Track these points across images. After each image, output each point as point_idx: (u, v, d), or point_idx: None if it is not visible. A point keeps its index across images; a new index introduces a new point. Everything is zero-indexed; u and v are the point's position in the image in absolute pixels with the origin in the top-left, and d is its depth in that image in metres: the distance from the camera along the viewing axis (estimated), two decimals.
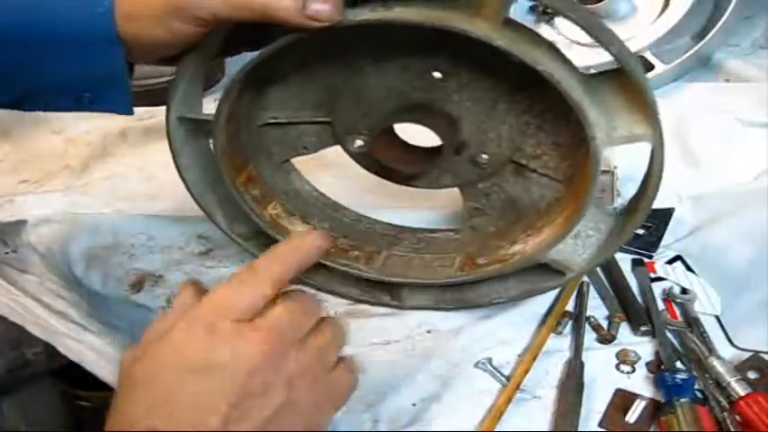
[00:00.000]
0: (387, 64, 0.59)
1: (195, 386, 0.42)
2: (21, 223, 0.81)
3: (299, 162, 0.70)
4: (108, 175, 0.88)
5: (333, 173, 0.75)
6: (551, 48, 0.54)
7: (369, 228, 0.71)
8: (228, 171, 0.63)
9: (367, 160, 0.66)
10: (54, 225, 0.79)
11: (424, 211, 0.75)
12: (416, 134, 0.64)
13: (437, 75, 0.58)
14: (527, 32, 0.53)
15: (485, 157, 0.62)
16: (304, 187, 0.71)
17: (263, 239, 0.68)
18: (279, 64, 0.59)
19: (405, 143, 0.65)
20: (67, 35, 0.54)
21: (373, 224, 0.71)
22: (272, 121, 0.65)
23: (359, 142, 0.63)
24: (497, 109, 0.59)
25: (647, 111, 0.53)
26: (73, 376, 0.92)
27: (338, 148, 0.66)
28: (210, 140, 0.63)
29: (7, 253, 0.83)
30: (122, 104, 0.60)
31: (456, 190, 0.66)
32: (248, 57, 0.56)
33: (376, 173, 0.67)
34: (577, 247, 0.62)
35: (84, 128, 0.95)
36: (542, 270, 0.63)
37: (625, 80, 0.52)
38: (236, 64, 0.57)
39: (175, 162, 0.64)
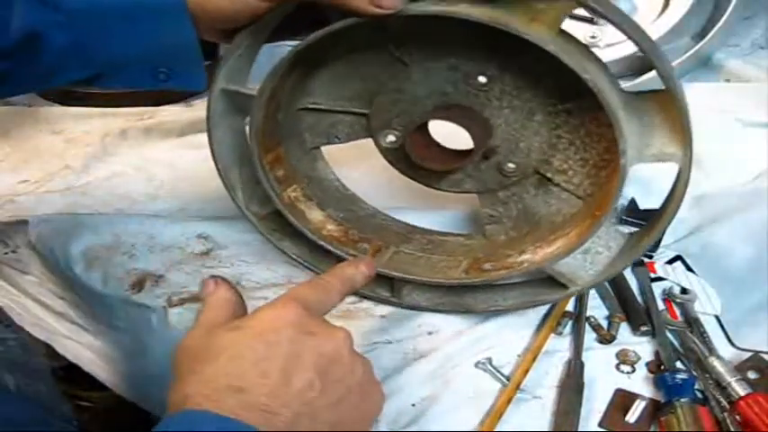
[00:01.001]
0: (435, 62, 0.60)
1: (296, 348, 0.47)
2: (21, 223, 0.81)
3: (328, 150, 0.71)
4: (108, 175, 0.87)
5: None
6: (599, 62, 0.55)
7: (382, 223, 0.72)
8: (259, 149, 0.64)
9: (396, 156, 0.67)
10: (54, 225, 0.79)
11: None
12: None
13: (482, 79, 0.59)
14: (579, 45, 0.54)
15: (511, 165, 0.63)
16: (327, 176, 0.73)
17: (275, 221, 0.69)
18: (328, 51, 0.61)
19: (437, 143, 0.66)
20: (136, 5, 0.56)
21: (387, 220, 0.72)
22: (311, 106, 0.66)
23: (391, 138, 0.64)
24: (533, 120, 0.60)
25: (683, 132, 0.54)
26: (73, 376, 0.92)
27: (366, 143, 0.67)
28: (246, 120, 0.64)
29: (7, 253, 0.83)
30: (197, 80, 0.61)
31: (472, 197, 0.67)
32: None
33: (402, 170, 0.68)
34: (586, 262, 0.62)
35: (84, 128, 0.95)
36: (544, 282, 0.64)
37: (667, 100, 0.53)
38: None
39: (209, 134, 0.65)
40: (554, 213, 0.64)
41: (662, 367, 0.60)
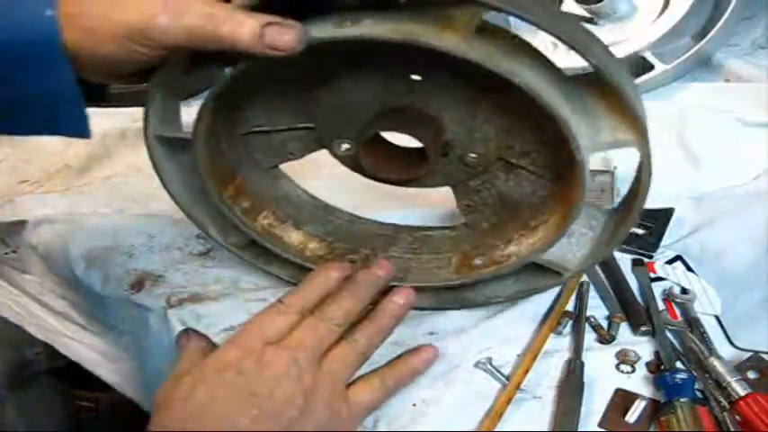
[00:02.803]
0: (364, 69, 0.58)
1: (229, 391, 0.51)
2: (21, 223, 0.81)
3: (288, 166, 0.69)
4: (108, 175, 0.88)
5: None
6: (531, 52, 0.52)
7: (364, 228, 0.70)
8: (214, 186, 0.63)
9: (356, 163, 0.64)
10: (54, 225, 0.79)
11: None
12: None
13: (415, 77, 0.57)
14: (504, 38, 0.51)
15: (473, 156, 0.61)
16: (295, 191, 0.71)
17: (258, 248, 0.68)
18: (254, 78, 0.58)
19: (391, 146, 0.64)
20: (6, 46, 0.52)
21: (368, 224, 0.71)
22: (256, 129, 0.64)
23: (345, 146, 0.63)
24: (480, 109, 0.58)
25: (630, 116, 0.52)
26: (73, 376, 0.93)
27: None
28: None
29: (7, 253, 0.83)
30: (80, 127, 0.58)
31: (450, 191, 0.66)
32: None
33: (367, 176, 0.66)
34: (571, 246, 0.62)
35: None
36: (539, 270, 0.63)
37: (605, 85, 0.51)
38: None
39: (161, 180, 0.63)
40: (529, 196, 0.63)
41: (662, 367, 0.60)
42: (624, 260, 0.71)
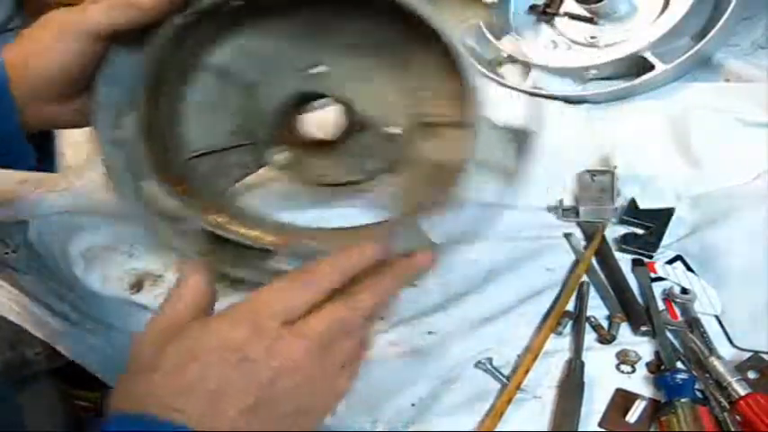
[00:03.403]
0: (263, 74, 0.60)
1: (227, 374, 0.45)
2: (21, 223, 0.81)
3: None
4: None
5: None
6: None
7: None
8: (160, 179, 0.63)
9: (296, 171, 0.65)
10: (54, 225, 0.79)
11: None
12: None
13: (322, 68, 0.59)
14: None
15: (395, 129, 0.62)
16: (254, 207, 0.70)
17: (227, 254, 0.66)
18: (176, 107, 0.60)
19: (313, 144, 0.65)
20: None
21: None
22: (203, 151, 0.65)
23: (286, 154, 0.64)
24: (379, 82, 0.60)
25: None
26: (73, 376, 0.92)
27: None
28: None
29: (7, 253, 0.83)
30: (25, 160, 0.61)
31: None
32: None
33: (312, 183, 0.66)
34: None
35: (83, 128, 0.94)
36: None
37: None
38: None
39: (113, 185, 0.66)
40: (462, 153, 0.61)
41: (662, 367, 0.60)
42: (624, 260, 0.71)
